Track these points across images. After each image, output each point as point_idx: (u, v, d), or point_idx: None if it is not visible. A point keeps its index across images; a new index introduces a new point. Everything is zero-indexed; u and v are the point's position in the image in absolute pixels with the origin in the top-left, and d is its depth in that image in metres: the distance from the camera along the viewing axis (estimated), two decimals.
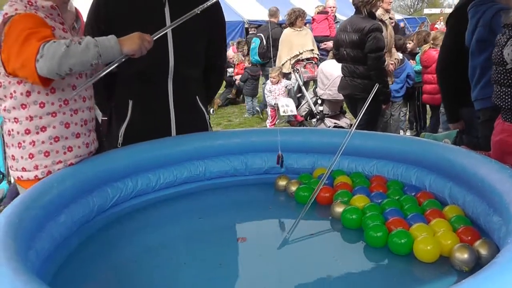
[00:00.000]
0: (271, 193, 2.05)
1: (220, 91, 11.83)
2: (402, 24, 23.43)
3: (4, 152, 5.18)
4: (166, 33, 2.10)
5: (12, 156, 1.81)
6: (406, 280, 1.40)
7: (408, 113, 7.41)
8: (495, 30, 2.84)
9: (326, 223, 1.73)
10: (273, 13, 9.14)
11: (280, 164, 2.07)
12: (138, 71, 2.09)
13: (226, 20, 2.53)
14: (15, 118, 1.76)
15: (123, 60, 1.70)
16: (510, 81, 2.40)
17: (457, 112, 3.54)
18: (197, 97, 2.36)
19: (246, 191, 2.10)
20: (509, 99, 2.42)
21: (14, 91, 1.72)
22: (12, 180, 5.36)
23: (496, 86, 2.51)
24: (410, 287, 1.36)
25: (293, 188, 1.93)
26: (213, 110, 10.44)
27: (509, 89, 2.41)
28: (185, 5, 2.12)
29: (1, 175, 5.24)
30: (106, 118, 2.54)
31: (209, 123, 2.47)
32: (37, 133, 1.76)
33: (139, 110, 2.14)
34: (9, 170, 1.92)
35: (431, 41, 6.21)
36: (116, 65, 1.70)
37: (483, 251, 1.38)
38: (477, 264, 1.36)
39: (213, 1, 1.95)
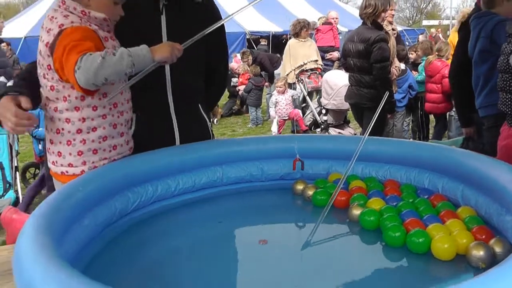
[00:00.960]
0: (287, 198, 2.10)
1: (224, 101, 11.92)
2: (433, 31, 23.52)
3: (11, 162, 5.26)
4: (161, 39, 2.16)
5: (59, 152, 1.93)
6: (426, 278, 1.45)
7: (411, 122, 7.47)
8: (496, 41, 2.94)
9: (344, 225, 1.78)
10: None
11: (301, 166, 2.13)
12: (137, 83, 2.15)
13: (227, 31, 2.56)
14: (66, 119, 1.88)
15: (154, 67, 1.80)
16: None
17: (469, 117, 3.65)
18: (199, 105, 2.39)
19: (263, 196, 2.14)
20: None
21: (69, 95, 1.84)
22: (20, 191, 5.43)
23: (502, 93, 2.58)
24: (430, 285, 1.40)
25: (310, 192, 1.99)
26: (216, 120, 10.51)
27: None
28: (180, 13, 2.22)
29: (8, 185, 5.31)
30: None
31: (212, 131, 2.51)
32: (88, 132, 1.89)
33: (142, 122, 2.17)
34: (51, 165, 1.98)
35: (436, 52, 6.31)
36: (147, 71, 1.80)
37: (498, 249, 1.43)
38: (493, 262, 1.41)
39: (228, 18, 2.02)
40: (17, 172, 5.44)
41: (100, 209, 1.74)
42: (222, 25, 2.45)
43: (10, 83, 1.89)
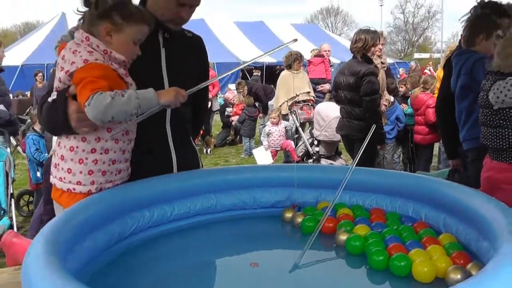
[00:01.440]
0: (278, 225, 2.19)
1: (217, 132, 12.05)
2: (412, 64, 24.01)
3: (6, 189, 5.33)
4: (162, 75, 2.32)
5: (69, 169, 2.02)
6: None
7: (402, 154, 7.60)
8: (476, 77, 3.10)
9: (331, 250, 1.87)
10: None
11: (298, 209, 2.23)
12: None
13: (222, 61, 2.76)
14: (83, 138, 2.00)
15: (159, 110, 1.94)
16: (495, 122, 2.60)
17: (455, 149, 3.77)
18: (190, 136, 2.57)
19: (255, 222, 2.24)
20: (495, 139, 2.62)
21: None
22: (14, 217, 5.48)
23: (483, 128, 2.72)
24: None
25: (299, 219, 2.08)
26: (210, 150, 10.61)
27: (495, 130, 2.61)
28: (179, 48, 2.38)
29: (2, 211, 5.36)
30: None
31: (201, 160, 2.67)
32: (101, 153, 2.00)
33: (141, 152, 2.25)
34: (57, 181, 2.07)
35: (422, 85, 6.49)
36: (152, 112, 1.93)
37: (474, 272, 1.52)
38: None
39: (244, 65, 2.16)
40: (12, 199, 5.50)
41: (100, 232, 1.83)
42: (207, 66, 2.71)
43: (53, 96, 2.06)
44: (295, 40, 2.18)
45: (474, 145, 3.19)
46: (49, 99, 2.07)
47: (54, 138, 5.11)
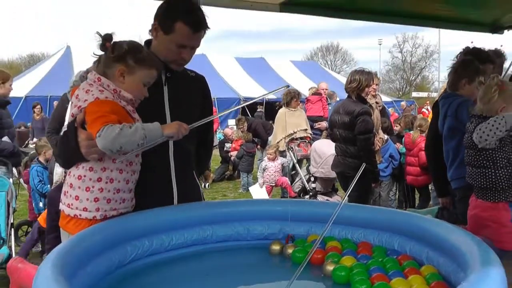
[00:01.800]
0: (269, 255, 2.31)
1: (216, 166, 12.17)
2: (403, 104, 24.28)
3: (7, 218, 5.43)
4: (164, 109, 2.48)
5: (76, 196, 2.18)
6: None
7: (398, 192, 7.70)
8: (460, 119, 3.27)
9: (319, 279, 1.99)
10: None
11: (291, 240, 2.34)
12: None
13: (223, 97, 2.92)
14: (90, 167, 2.16)
15: (162, 141, 2.12)
16: (479, 162, 2.75)
17: (445, 188, 3.88)
18: (193, 171, 2.70)
19: (248, 253, 2.35)
20: (480, 179, 2.76)
21: None
22: (13, 247, 5.56)
23: (469, 168, 2.85)
24: None
25: (290, 250, 2.20)
26: (208, 185, 10.71)
27: (479, 170, 2.75)
28: (181, 86, 2.55)
29: (2, 241, 5.44)
30: None
31: (203, 195, 2.80)
32: (106, 182, 2.16)
33: (143, 183, 2.37)
34: (65, 207, 2.22)
35: (418, 127, 6.64)
36: (156, 143, 2.10)
37: None
38: None
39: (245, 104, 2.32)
40: (12, 229, 5.59)
41: (102, 259, 1.94)
42: (211, 102, 2.87)
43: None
44: (287, 86, 2.34)
45: (461, 184, 3.32)
46: (61, 132, 2.23)
47: (58, 170, 5.25)
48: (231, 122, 18.72)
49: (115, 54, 2.18)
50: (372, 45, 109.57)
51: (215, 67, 26.43)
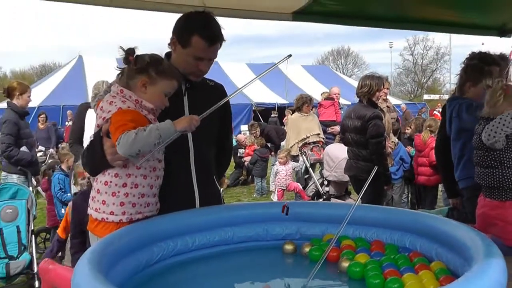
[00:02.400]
0: (288, 254, 2.44)
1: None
2: (403, 106, 24.23)
3: (28, 225, 5.60)
4: None
5: (103, 201, 2.32)
6: None
7: (410, 194, 7.76)
8: (464, 119, 3.39)
9: (335, 275, 2.12)
10: None
11: (286, 212, 2.47)
12: (167, 156, 2.50)
13: (235, 103, 3.06)
14: (115, 174, 2.30)
15: (177, 136, 2.22)
16: (487, 163, 2.86)
17: (454, 188, 3.98)
18: (214, 176, 2.83)
19: (267, 253, 2.48)
20: (488, 179, 2.87)
21: None
22: (34, 253, 5.73)
23: (477, 168, 2.96)
24: None
25: (307, 249, 2.33)
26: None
27: (487, 170, 2.86)
28: (201, 96, 2.66)
29: (23, 247, 5.61)
30: None
31: (223, 199, 2.93)
32: (131, 188, 2.30)
33: (166, 188, 2.51)
34: (93, 212, 2.36)
35: (428, 128, 6.73)
36: (172, 139, 2.20)
37: None
38: None
39: (234, 94, 2.48)
40: (33, 235, 5.76)
41: (130, 259, 2.09)
42: (229, 111, 2.98)
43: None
44: (290, 55, 2.45)
45: (468, 183, 3.44)
46: (88, 142, 2.39)
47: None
48: (244, 127, 18.87)
49: (137, 66, 2.33)
50: (383, 48, 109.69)
51: (228, 74, 26.57)
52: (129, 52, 2.35)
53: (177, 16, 2.66)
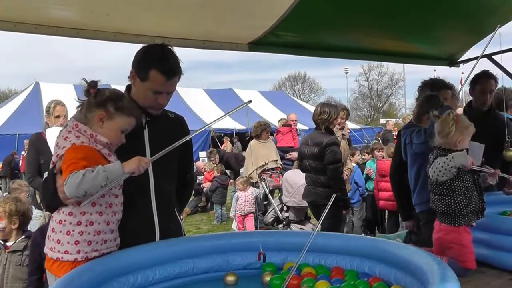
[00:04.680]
0: (250, 284, 2.43)
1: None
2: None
3: None
4: (145, 152, 2.59)
5: (58, 240, 2.27)
6: None
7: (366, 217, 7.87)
8: (415, 144, 3.53)
9: None
10: None
11: (263, 259, 2.48)
12: (126, 191, 2.48)
13: (192, 128, 2.98)
14: (69, 212, 2.26)
15: (125, 178, 2.22)
16: (440, 191, 2.96)
17: (408, 211, 4.09)
18: (175, 209, 2.82)
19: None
20: (442, 205, 2.96)
21: None
22: None
23: (432, 194, 3.06)
24: None
25: (267, 278, 2.34)
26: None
27: (441, 197, 2.96)
28: (161, 129, 2.66)
29: None
30: None
31: (184, 231, 2.92)
32: (86, 225, 2.25)
33: (125, 223, 2.48)
34: (49, 251, 2.31)
35: (386, 154, 6.90)
36: (120, 181, 2.23)
37: None
38: None
39: (200, 129, 2.50)
40: None
41: None
42: (190, 143, 2.98)
43: None
44: (250, 101, 2.49)
45: (423, 208, 3.56)
46: (43, 179, 2.36)
47: (34, 213, 5.27)
48: (202, 154, 18.82)
49: (97, 99, 2.33)
50: (338, 73, 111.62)
51: (185, 100, 26.55)
52: (91, 85, 2.34)
53: (135, 46, 2.67)
